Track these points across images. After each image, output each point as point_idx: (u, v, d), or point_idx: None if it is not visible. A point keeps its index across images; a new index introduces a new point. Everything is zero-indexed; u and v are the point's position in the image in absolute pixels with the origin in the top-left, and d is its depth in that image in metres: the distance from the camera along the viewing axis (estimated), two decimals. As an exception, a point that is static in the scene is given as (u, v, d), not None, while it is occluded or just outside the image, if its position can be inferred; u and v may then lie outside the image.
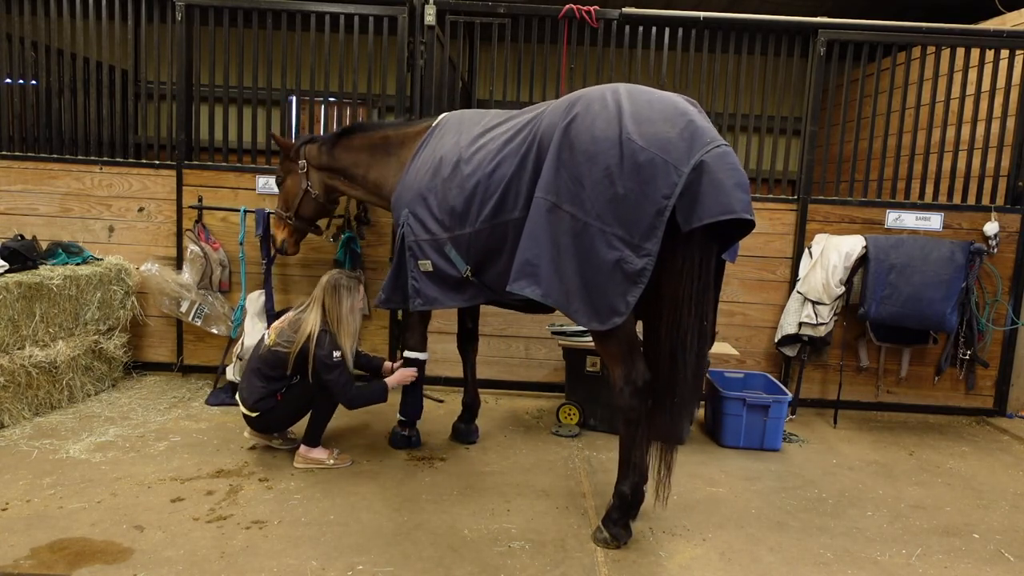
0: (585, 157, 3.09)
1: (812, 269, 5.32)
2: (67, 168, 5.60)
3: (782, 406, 4.70)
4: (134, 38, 5.96)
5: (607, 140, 3.05)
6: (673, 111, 3.08)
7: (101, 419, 4.67)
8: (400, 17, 5.43)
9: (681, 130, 2.99)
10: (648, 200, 2.96)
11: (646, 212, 2.96)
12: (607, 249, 3.03)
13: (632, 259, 3.00)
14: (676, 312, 3.07)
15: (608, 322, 3.10)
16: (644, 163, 2.96)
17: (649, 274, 2.99)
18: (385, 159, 4.46)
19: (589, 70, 5.65)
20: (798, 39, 5.54)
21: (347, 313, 4.07)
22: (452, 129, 4.11)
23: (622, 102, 3.14)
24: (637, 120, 3.05)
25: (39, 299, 4.64)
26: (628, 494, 3.37)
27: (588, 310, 3.13)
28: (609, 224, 3.03)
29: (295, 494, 3.71)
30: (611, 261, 3.03)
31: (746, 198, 2.95)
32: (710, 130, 3.06)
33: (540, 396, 5.71)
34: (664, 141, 2.98)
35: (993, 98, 5.50)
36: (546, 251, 3.20)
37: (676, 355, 3.11)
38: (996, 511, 3.98)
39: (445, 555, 3.18)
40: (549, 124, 3.34)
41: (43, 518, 3.33)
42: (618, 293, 3.04)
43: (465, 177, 3.73)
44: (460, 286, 3.94)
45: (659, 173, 2.94)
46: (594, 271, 3.07)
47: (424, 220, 3.95)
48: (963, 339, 5.38)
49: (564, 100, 3.39)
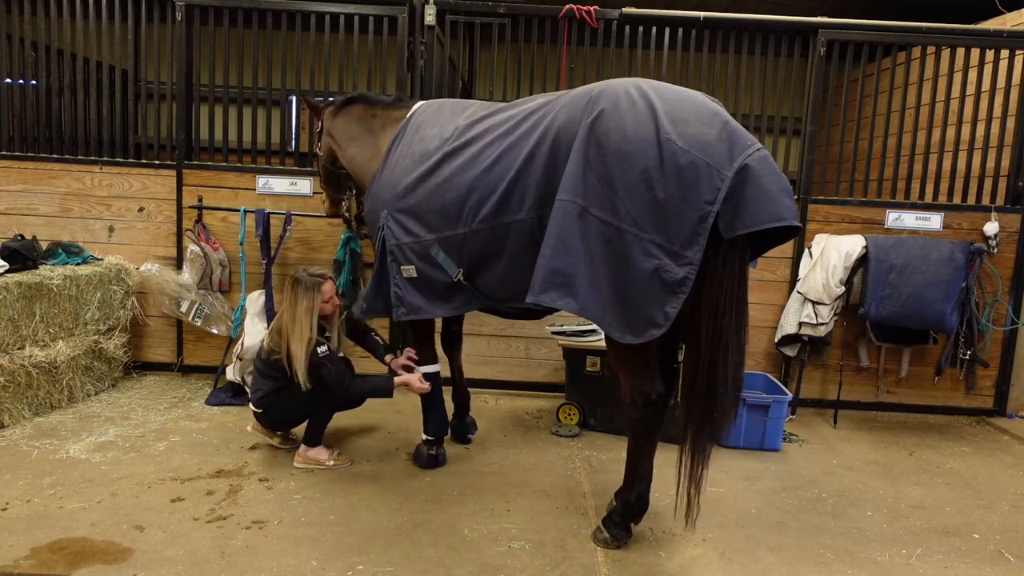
0: (617, 158, 2.87)
1: (812, 269, 5.32)
2: (67, 168, 5.60)
3: (782, 406, 4.70)
4: (134, 38, 5.96)
5: (643, 140, 2.84)
6: (706, 111, 2.91)
7: (101, 419, 4.67)
8: (400, 17, 5.43)
9: (719, 131, 2.83)
10: (690, 206, 2.76)
11: (688, 218, 2.77)
12: (644, 257, 2.83)
13: (672, 268, 2.80)
14: (716, 322, 2.88)
15: (644, 335, 2.89)
16: (686, 166, 2.77)
17: (691, 284, 2.80)
18: (367, 137, 4.21)
19: (589, 70, 5.65)
20: (798, 39, 5.54)
21: (302, 314, 3.84)
22: (430, 120, 3.83)
23: (651, 98, 2.95)
24: (673, 119, 2.85)
25: (39, 299, 4.64)
26: (633, 502, 3.31)
27: (622, 323, 2.92)
28: (647, 230, 2.82)
29: (295, 494, 3.71)
30: (648, 270, 2.82)
31: (792, 204, 2.82)
32: (745, 132, 2.90)
33: (540, 396, 5.71)
34: (704, 143, 2.79)
35: (993, 98, 5.50)
36: (581, 259, 2.96)
37: (717, 366, 2.92)
38: (996, 511, 3.98)
39: (445, 555, 3.18)
40: (568, 119, 3.10)
41: (43, 518, 3.33)
42: (656, 304, 2.84)
43: (454, 172, 3.47)
44: (448, 293, 3.70)
45: (702, 177, 2.75)
46: (629, 281, 2.87)
47: (404, 222, 3.70)
48: (963, 339, 5.37)
49: (581, 94, 3.16)
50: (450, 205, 3.49)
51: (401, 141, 3.90)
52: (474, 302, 3.73)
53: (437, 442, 4.20)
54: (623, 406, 3.28)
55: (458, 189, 3.45)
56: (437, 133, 3.70)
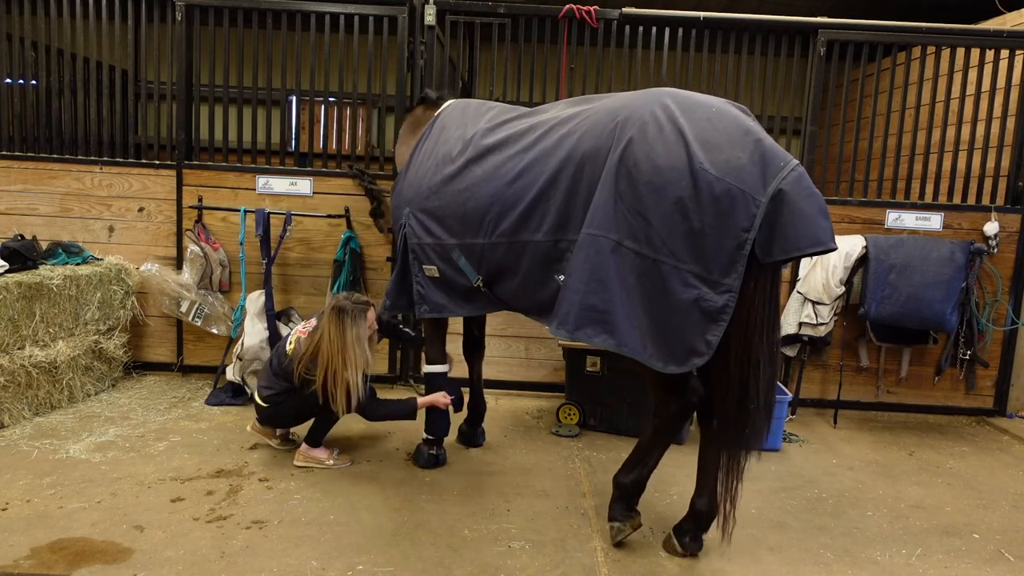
0: (649, 189, 2.85)
1: (812, 269, 5.32)
2: (67, 168, 5.60)
3: (782, 406, 4.70)
4: (134, 38, 5.96)
5: (674, 170, 2.82)
6: (736, 130, 2.87)
7: (101, 419, 4.67)
8: (400, 17, 5.43)
9: (751, 153, 2.80)
10: (727, 234, 2.76)
11: (725, 247, 2.77)
12: (683, 287, 2.82)
13: (711, 296, 2.80)
14: (747, 340, 2.90)
15: (687, 364, 2.88)
16: (721, 195, 2.75)
17: (731, 311, 2.80)
18: (409, 137, 4.26)
19: (589, 70, 5.65)
20: (798, 39, 5.54)
21: (353, 342, 3.79)
22: (455, 121, 3.86)
23: (679, 121, 2.90)
24: (704, 144, 2.82)
25: (39, 299, 4.64)
26: (628, 485, 3.32)
27: (663, 353, 2.91)
28: (684, 261, 2.82)
29: (295, 494, 3.71)
30: (688, 300, 2.82)
31: (830, 226, 2.80)
32: (778, 150, 2.86)
33: (540, 396, 5.71)
34: (738, 169, 2.76)
35: (993, 98, 5.50)
36: (617, 295, 2.94)
37: (748, 383, 2.93)
38: (996, 511, 3.98)
39: (445, 555, 3.18)
40: (594, 148, 3.07)
41: (43, 518, 3.33)
42: (697, 333, 2.83)
43: (476, 182, 3.49)
44: (470, 295, 3.74)
45: (738, 205, 2.74)
46: (669, 312, 2.86)
47: (426, 223, 3.75)
48: (963, 339, 5.37)
49: (606, 117, 3.11)
50: (471, 213, 3.51)
51: (426, 140, 3.93)
52: (495, 305, 3.75)
53: (437, 442, 4.20)
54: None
55: (479, 200, 3.47)
56: (459, 136, 3.72)
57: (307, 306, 5.59)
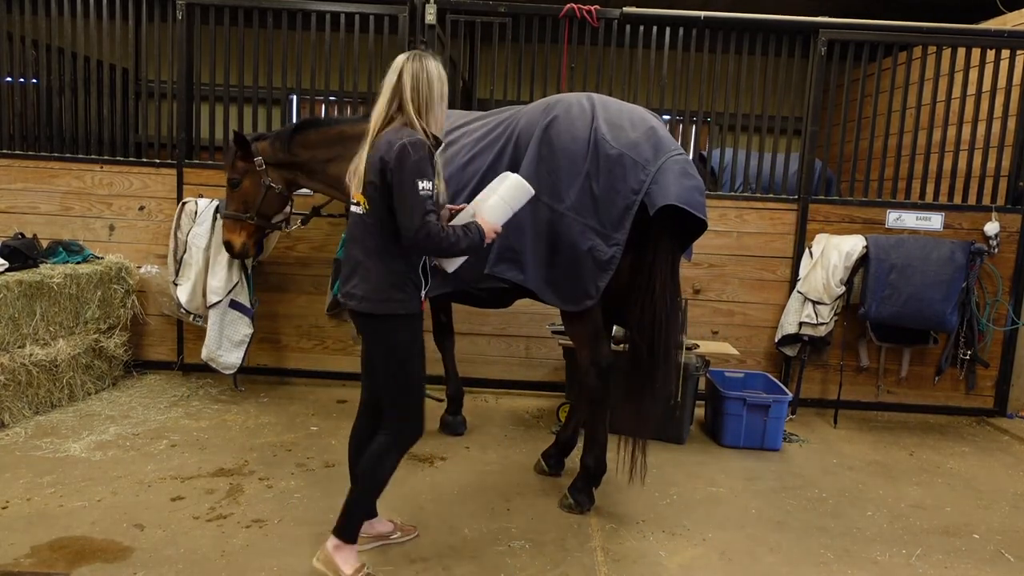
0: (564, 154, 3.40)
1: (812, 269, 5.32)
2: (68, 167, 5.60)
3: (782, 406, 4.70)
4: (135, 37, 5.96)
5: (583, 140, 3.40)
6: (640, 121, 3.48)
7: (101, 418, 4.67)
8: (401, 16, 5.42)
9: (648, 136, 3.40)
10: (619, 194, 3.32)
11: (617, 205, 3.32)
12: (582, 238, 3.35)
13: (603, 248, 3.33)
14: (653, 305, 3.39)
15: (581, 305, 3.43)
16: (615, 161, 3.33)
17: (617, 262, 3.34)
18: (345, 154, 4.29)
19: (590, 70, 5.65)
20: (799, 39, 5.53)
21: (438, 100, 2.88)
22: None
23: (596, 108, 3.50)
24: (610, 126, 3.42)
25: (39, 297, 4.64)
26: (592, 465, 3.68)
27: (562, 294, 3.47)
28: (584, 216, 3.35)
29: (295, 493, 3.71)
30: (584, 249, 3.34)
31: (702, 200, 3.37)
32: (672, 140, 3.48)
33: (540, 396, 5.71)
34: (633, 143, 3.37)
35: (993, 98, 5.49)
36: (528, 239, 3.44)
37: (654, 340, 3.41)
38: (996, 511, 3.98)
39: (445, 555, 3.18)
40: (528, 123, 3.61)
41: (43, 516, 3.33)
42: (590, 279, 3.37)
43: None
44: None
45: (629, 172, 3.32)
46: (569, 258, 3.39)
47: None
48: (963, 339, 5.37)
49: (541, 103, 3.69)
50: None
51: None
52: (450, 282, 3.71)
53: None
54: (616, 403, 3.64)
55: None
56: None
57: (307, 305, 5.59)
